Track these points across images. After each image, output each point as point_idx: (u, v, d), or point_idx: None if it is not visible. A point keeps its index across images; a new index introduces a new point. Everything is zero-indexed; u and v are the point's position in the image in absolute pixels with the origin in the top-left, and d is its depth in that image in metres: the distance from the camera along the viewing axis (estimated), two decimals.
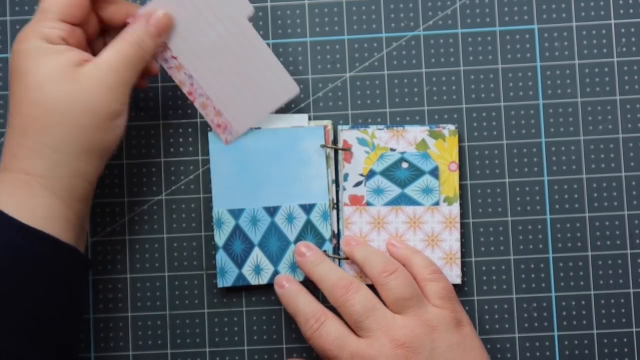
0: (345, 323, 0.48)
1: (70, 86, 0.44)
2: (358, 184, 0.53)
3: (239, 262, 0.53)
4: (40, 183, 0.43)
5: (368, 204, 0.53)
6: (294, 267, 0.52)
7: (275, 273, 0.52)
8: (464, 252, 0.53)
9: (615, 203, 0.54)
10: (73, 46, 0.45)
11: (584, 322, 0.53)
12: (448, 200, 0.53)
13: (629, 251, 0.53)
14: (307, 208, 0.53)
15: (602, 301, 0.53)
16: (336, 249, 0.53)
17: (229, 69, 0.50)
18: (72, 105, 0.44)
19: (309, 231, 0.52)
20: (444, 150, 0.53)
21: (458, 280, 0.52)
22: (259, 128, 0.53)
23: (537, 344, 0.53)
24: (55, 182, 0.44)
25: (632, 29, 0.54)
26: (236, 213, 0.53)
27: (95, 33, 0.49)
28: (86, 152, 0.44)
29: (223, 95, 0.51)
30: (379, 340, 0.46)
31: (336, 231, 0.53)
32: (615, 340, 0.53)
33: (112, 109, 0.45)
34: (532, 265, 0.53)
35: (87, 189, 0.46)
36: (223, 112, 0.51)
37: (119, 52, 0.45)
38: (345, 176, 0.53)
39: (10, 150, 0.44)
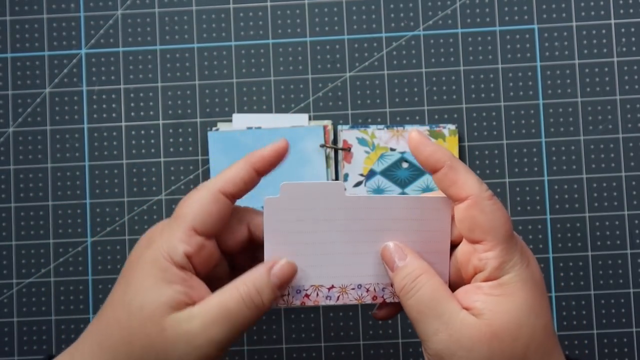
0: None
1: (154, 332, 0.38)
2: (358, 183, 0.53)
3: None
4: None
5: None
6: None
7: None
8: None
9: (615, 203, 0.54)
10: (199, 264, 0.40)
11: (584, 322, 0.53)
12: None
13: (629, 251, 0.53)
14: None
15: (602, 301, 0.53)
16: None
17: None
18: (148, 351, 0.38)
19: None
20: None
21: None
22: (259, 127, 0.53)
23: None
24: None
25: (632, 29, 0.54)
26: None
27: (240, 245, 0.43)
28: None
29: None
30: None
31: None
32: (615, 340, 0.53)
33: None
34: None
35: None
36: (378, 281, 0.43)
37: (221, 305, 0.38)
38: (346, 176, 0.53)
39: (87, 340, 0.40)
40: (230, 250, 0.43)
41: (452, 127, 0.53)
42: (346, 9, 0.55)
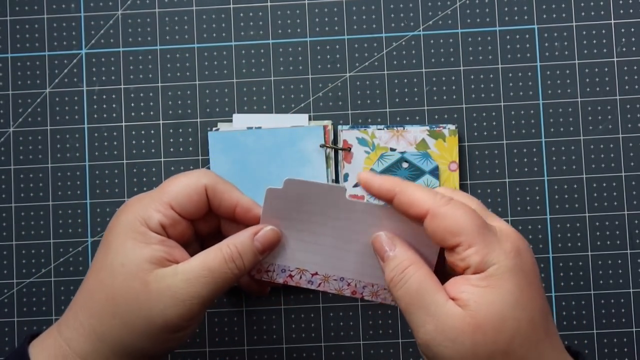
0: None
1: (137, 286, 0.39)
2: (358, 184, 0.53)
3: None
4: None
5: None
6: None
7: None
8: None
9: (615, 203, 0.54)
10: (173, 237, 0.42)
11: (584, 322, 0.53)
12: None
13: (629, 251, 0.53)
14: None
15: (602, 301, 0.53)
16: None
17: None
18: (132, 305, 0.39)
19: None
20: (444, 150, 0.53)
21: None
22: (260, 127, 0.53)
23: None
24: None
25: (632, 29, 0.54)
26: None
27: (213, 230, 0.45)
28: (130, 355, 0.40)
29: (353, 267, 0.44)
30: None
31: None
32: (615, 340, 0.53)
33: (172, 323, 0.40)
34: None
35: None
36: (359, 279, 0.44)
37: (204, 264, 0.40)
38: (345, 176, 0.53)
39: (71, 310, 0.42)
40: (203, 233, 0.45)
41: (452, 127, 0.53)
42: (346, 9, 0.55)
